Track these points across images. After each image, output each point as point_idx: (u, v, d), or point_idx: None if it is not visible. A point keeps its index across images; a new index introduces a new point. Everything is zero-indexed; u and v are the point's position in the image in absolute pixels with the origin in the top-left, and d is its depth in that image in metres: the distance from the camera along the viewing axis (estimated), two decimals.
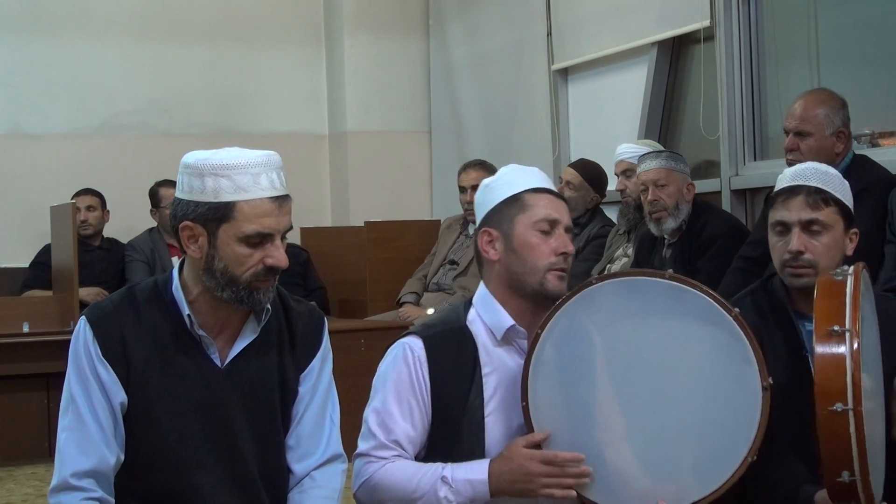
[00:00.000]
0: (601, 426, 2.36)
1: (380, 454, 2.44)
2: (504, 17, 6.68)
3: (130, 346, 2.28)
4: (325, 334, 2.47)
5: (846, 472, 2.20)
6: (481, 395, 2.43)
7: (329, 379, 2.46)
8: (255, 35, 7.42)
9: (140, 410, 2.29)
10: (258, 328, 2.35)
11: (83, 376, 2.27)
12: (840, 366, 2.20)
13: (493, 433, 2.43)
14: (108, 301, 2.36)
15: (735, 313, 2.32)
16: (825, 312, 2.27)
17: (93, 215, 6.45)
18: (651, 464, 2.34)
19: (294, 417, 2.41)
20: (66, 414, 2.28)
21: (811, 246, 2.58)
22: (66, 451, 2.26)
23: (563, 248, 2.46)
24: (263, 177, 2.23)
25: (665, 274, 2.38)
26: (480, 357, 2.46)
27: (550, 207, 2.47)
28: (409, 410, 2.44)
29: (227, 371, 2.33)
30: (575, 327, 2.37)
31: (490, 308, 2.49)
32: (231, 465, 2.32)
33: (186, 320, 2.30)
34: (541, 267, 2.44)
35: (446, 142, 7.35)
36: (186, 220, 2.25)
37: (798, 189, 2.61)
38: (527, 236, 2.46)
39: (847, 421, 2.18)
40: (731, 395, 2.32)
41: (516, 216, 2.47)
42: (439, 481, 2.37)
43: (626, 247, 4.96)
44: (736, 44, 5.06)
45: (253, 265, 2.24)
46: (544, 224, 2.46)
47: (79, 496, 2.22)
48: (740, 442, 2.30)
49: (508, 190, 2.50)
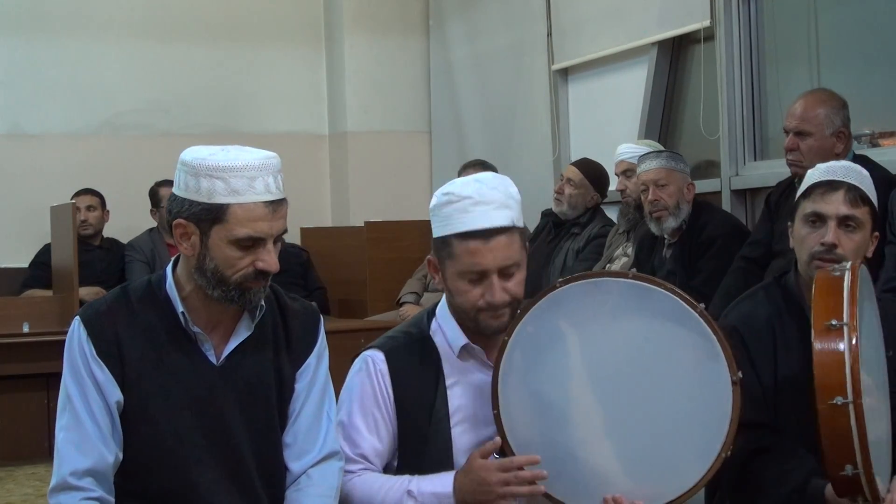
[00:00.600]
0: (575, 429, 2.35)
1: (347, 468, 2.44)
2: (504, 17, 6.68)
3: (125, 344, 2.28)
4: (321, 331, 2.47)
5: (849, 466, 2.20)
6: (446, 405, 2.42)
7: (325, 376, 2.45)
8: (255, 35, 7.42)
9: (136, 409, 2.28)
10: (252, 325, 2.34)
11: (78, 376, 2.27)
12: (839, 359, 2.20)
13: (461, 443, 2.42)
14: (102, 301, 2.36)
15: (700, 309, 2.32)
16: (823, 308, 2.27)
17: (93, 215, 6.45)
18: (626, 464, 2.34)
19: (290, 415, 2.40)
20: (63, 414, 2.28)
21: (845, 241, 2.58)
22: (65, 450, 2.26)
23: (490, 299, 2.35)
24: (259, 180, 2.21)
25: (628, 274, 2.39)
26: (444, 368, 2.45)
27: (477, 256, 2.34)
28: (374, 424, 2.44)
29: (222, 368, 2.33)
30: (543, 331, 2.36)
31: (448, 323, 2.48)
32: (228, 463, 2.32)
33: (181, 317, 2.30)
34: (470, 309, 2.39)
35: (446, 142, 7.35)
36: (180, 217, 2.25)
37: (838, 184, 2.61)
38: (455, 283, 2.38)
39: (847, 414, 2.17)
40: (701, 392, 2.32)
41: (446, 260, 2.39)
42: (405, 495, 2.36)
43: (625, 246, 4.97)
44: (736, 44, 5.06)
45: (243, 268, 2.24)
46: (471, 275, 2.36)
47: (78, 496, 2.22)
48: (714, 438, 2.30)
49: (440, 227, 2.40)
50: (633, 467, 2.33)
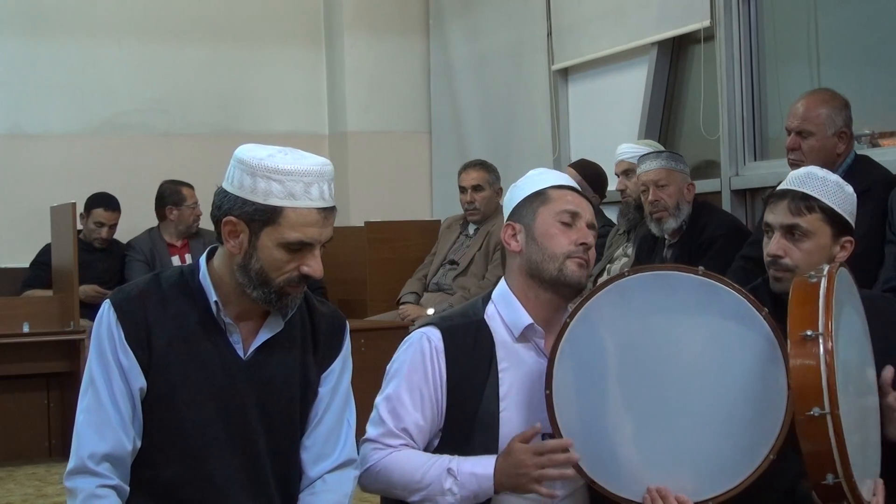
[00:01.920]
0: (625, 417, 2.36)
1: (387, 441, 2.45)
2: (504, 17, 6.68)
3: (154, 331, 2.28)
4: (347, 338, 2.47)
5: (830, 475, 2.20)
6: (496, 389, 2.44)
7: (348, 382, 2.46)
8: (255, 35, 7.42)
9: (159, 395, 2.28)
10: (282, 322, 2.34)
11: (104, 360, 2.27)
12: (814, 370, 2.20)
13: (508, 428, 2.43)
14: (133, 286, 2.36)
15: (765, 312, 2.33)
16: (798, 318, 2.27)
17: (112, 231, 6.43)
18: (673, 456, 2.34)
19: (312, 419, 2.40)
20: (84, 396, 2.28)
21: (790, 251, 2.58)
22: (84, 433, 2.25)
23: (583, 239, 2.48)
24: (315, 187, 2.22)
25: (698, 270, 2.39)
26: (497, 352, 2.47)
27: (573, 202, 2.52)
28: (420, 400, 2.45)
29: (248, 362, 2.32)
30: (605, 318, 2.38)
31: (509, 305, 2.51)
32: (245, 458, 2.31)
33: (213, 306, 2.30)
34: (560, 254, 2.46)
35: (446, 142, 7.35)
36: (231, 214, 2.24)
37: (785, 193, 2.62)
38: (548, 226, 2.49)
39: (826, 424, 2.18)
40: (757, 394, 2.32)
41: (539, 208, 2.51)
42: (445, 472, 2.38)
43: (625, 247, 4.97)
44: (736, 44, 5.07)
45: (288, 271, 2.24)
46: (566, 216, 2.49)
47: (95, 482, 2.22)
48: (763, 440, 2.31)
49: (533, 186, 2.56)
50: (680, 460, 2.34)
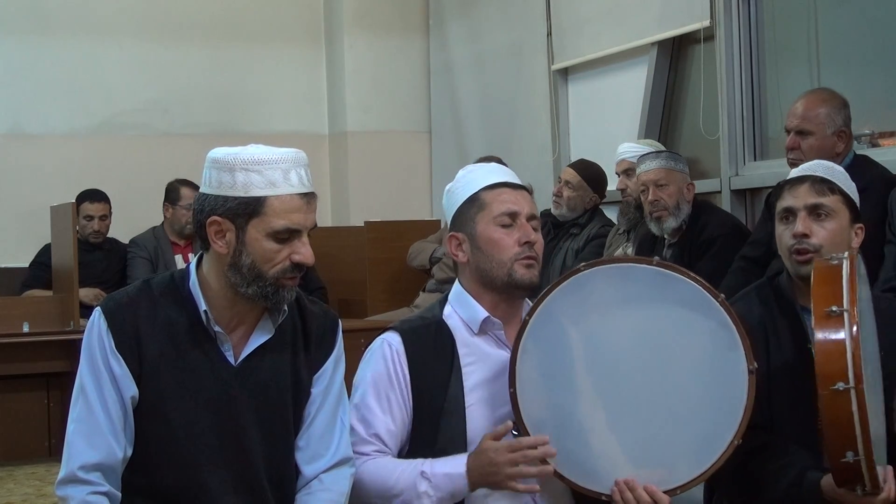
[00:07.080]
0: (589, 411, 2.37)
1: (360, 449, 2.45)
2: (504, 17, 6.68)
3: (144, 338, 2.28)
4: (340, 336, 2.47)
5: (850, 452, 2.19)
6: (461, 385, 2.45)
7: (341, 381, 2.46)
8: (255, 35, 7.42)
9: (151, 404, 2.28)
10: (273, 328, 2.34)
11: (96, 368, 2.27)
12: (840, 345, 2.20)
13: (475, 423, 2.44)
14: (124, 293, 2.35)
15: (721, 299, 2.34)
16: (822, 295, 2.27)
17: (105, 223, 6.44)
18: (638, 447, 2.36)
19: (305, 419, 2.40)
20: (75, 405, 2.28)
21: (816, 230, 2.59)
22: (75, 443, 2.26)
23: (526, 238, 2.48)
24: (293, 173, 2.26)
25: (652, 260, 2.40)
26: (459, 349, 2.48)
27: (509, 200, 2.50)
28: (388, 404, 2.46)
29: (239, 369, 2.32)
30: (563, 313, 2.38)
31: (464, 303, 2.53)
32: (239, 464, 2.31)
33: (203, 315, 2.30)
34: (506, 259, 2.47)
35: (446, 142, 7.35)
36: (214, 214, 2.25)
37: (804, 178, 2.65)
38: (489, 232, 2.49)
39: (849, 399, 2.17)
40: (717, 380, 2.34)
41: (476, 216, 2.51)
42: (419, 476, 2.38)
43: (625, 246, 4.97)
44: (736, 44, 5.06)
45: (280, 261, 2.26)
46: (504, 218, 2.49)
47: (86, 490, 2.22)
48: (727, 426, 2.33)
49: (466, 191, 2.55)
50: (645, 451, 2.35)
